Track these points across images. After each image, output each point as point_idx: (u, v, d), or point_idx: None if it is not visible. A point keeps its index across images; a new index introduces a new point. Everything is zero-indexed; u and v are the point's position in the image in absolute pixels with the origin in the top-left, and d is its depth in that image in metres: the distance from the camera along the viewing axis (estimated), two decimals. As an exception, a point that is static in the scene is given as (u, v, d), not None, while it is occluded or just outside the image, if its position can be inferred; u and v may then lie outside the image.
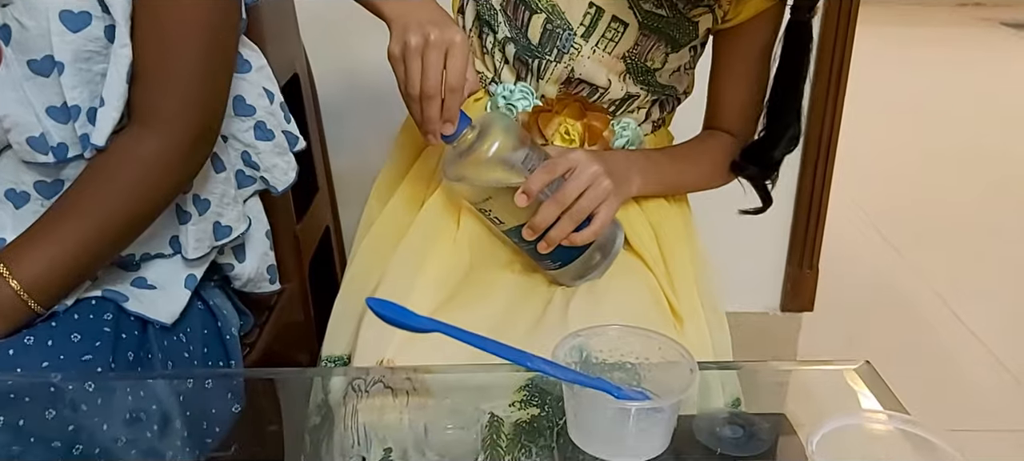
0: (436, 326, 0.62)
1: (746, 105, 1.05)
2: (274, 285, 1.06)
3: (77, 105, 0.81)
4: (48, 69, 0.80)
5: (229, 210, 0.94)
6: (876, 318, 2.18)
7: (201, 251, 0.91)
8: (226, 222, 0.94)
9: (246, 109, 0.95)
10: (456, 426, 0.66)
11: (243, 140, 0.96)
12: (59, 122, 0.82)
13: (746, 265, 1.82)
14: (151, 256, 0.91)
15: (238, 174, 0.97)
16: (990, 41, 4.97)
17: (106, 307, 0.85)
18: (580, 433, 0.67)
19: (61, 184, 0.85)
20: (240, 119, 0.95)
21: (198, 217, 0.91)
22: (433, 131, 0.87)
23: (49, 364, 0.78)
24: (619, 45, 0.98)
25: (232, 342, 0.99)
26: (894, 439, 0.63)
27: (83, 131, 0.82)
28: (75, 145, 0.83)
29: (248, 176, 0.98)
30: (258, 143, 0.97)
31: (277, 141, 0.98)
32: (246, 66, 0.95)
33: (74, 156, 0.83)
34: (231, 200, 0.94)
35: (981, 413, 1.78)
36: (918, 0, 5.42)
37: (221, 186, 0.93)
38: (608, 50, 0.99)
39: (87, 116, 0.82)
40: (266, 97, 0.96)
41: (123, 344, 0.84)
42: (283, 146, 0.99)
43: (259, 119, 0.96)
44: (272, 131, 0.97)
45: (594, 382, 0.64)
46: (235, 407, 0.84)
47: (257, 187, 1.00)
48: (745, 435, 0.72)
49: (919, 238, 2.64)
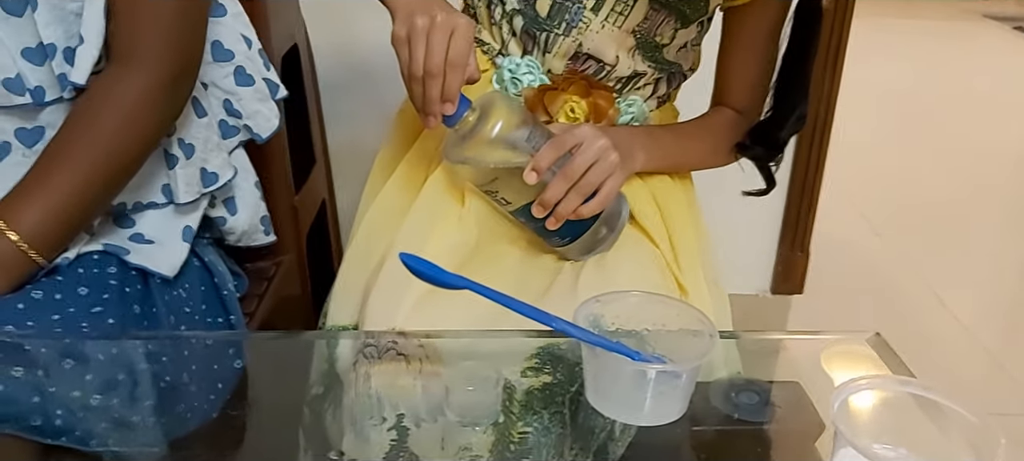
0: (466, 284, 0.61)
1: (753, 82, 1.05)
2: (269, 237, 1.06)
3: (53, 43, 0.81)
4: (21, 9, 0.79)
5: (214, 156, 0.94)
6: (863, 303, 2.20)
7: (191, 195, 0.91)
8: (212, 168, 0.94)
9: (224, 54, 0.95)
10: (476, 389, 0.66)
11: (223, 87, 0.96)
12: (35, 63, 0.81)
13: (738, 247, 1.83)
14: (144, 205, 0.91)
15: (221, 124, 0.97)
16: (974, 33, 5.02)
17: (109, 261, 0.85)
18: (598, 396, 0.66)
19: (42, 131, 0.84)
20: (219, 65, 0.95)
21: (185, 161, 0.91)
22: (434, 112, 0.86)
23: (60, 317, 0.78)
24: (628, 19, 0.98)
25: (230, 298, 0.99)
26: (914, 404, 0.64)
27: (60, 71, 0.82)
28: (53, 87, 0.82)
29: (232, 125, 0.98)
30: (239, 89, 0.97)
31: (258, 87, 0.98)
32: (221, 9, 0.95)
33: (53, 99, 0.83)
34: (215, 147, 0.94)
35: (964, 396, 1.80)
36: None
37: (204, 131, 0.93)
38: (618, 24, 0.98)
39: (64, 56, 0.82)
40: (244, 42, 0.97)
41: (128, 298, 0.84)
42: (264, 92, 0.99)
43: (238, 64, 0.96)
44: (252, 76, 0.97)
45: (615, 346, 0.64)
46: (237, 363, 0.84)
47: (242, 137, 1.00)
48: (761, 402, 0.72)
49: (904, 226, 2.67)
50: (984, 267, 2.50)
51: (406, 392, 0.76)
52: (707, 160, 1.09)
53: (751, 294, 1.94)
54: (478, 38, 1.05)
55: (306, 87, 1.39)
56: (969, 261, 2.51)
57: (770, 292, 1.97)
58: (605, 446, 0.68)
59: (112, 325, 0.81)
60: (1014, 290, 2.43)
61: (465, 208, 1.00)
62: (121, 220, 0.91)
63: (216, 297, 0.98)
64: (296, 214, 1.26)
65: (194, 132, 0.92)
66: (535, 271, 0.98)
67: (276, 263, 1.21)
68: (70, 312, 0.80)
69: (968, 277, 2.41)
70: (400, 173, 1.08)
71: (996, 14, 5.26)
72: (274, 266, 1.21)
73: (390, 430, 0.69)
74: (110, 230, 0.90)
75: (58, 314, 0.79)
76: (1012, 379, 1.94)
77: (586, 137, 0.90)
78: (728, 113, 1.08)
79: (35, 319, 0.78)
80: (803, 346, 0.86)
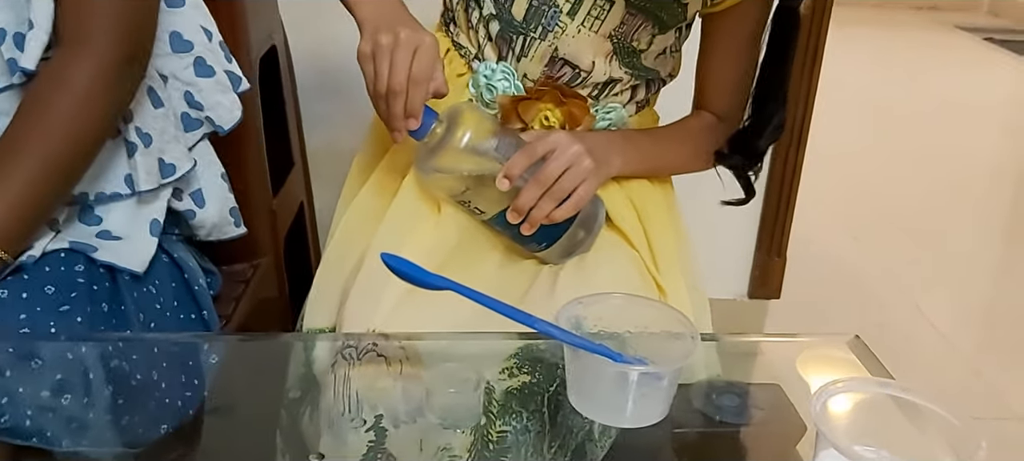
0: (449, 284, 0.61)
1: (733, 87, 1.05)
2: (239, 229, 1.06)
3: (3, 28, 0.80)
4: None
5: (172, 147, 0.93)
6: (840, 308, 2.21)
7: (151, 183, 0.90)
8: (169, 159, 0.93)
9: (183, 44, 0.95)
10: (457, 391, 0.65)
11: (183, 78, 0.96)
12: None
13: (715, 252, 1.83)
14: (107, 196, 0.89)
15: (184, 116, 0.97)
16: (946, 43, 5.08)
17: (76, 259, 0.84)
18: (580, 398, 0.66)
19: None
20: (178, 56, 0.95)
21: (144, 149, 0.90)
22: (399, 128, 0.87)
23: (27, 317, 0.77)
24: (605, 24, 0.97)
25: (201, 293, 0.98)
26: (894, 406, 0.64)
27: (10, 55, 0.81)
28: (3, 74, 0.82)
29: (194, 119, 0.98)
30: (198, 80, 0.96)
31: (218, 78, 0.98)
32: (178, 1, 0.95)
33: (4, 86, 0.82)
34: (173, 138, 0.94)
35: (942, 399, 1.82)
36: (875, 2, 5.51)
37: (161, 122, 0.92)
38: (594, 28, 0.98)
39: (13, 40, 0.81)
40: (204, 34, 0.97)
41: (96, 295, 0.83)
42: (225, 84, 0.98)
43: (198, 55, 0.96)
44: (212, 67, 0.97)
45: (597, 347, 0.64)
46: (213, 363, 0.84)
47: (205, 129, 0.99)
48: (742, 404, 0.72)
49: (881, 232, 2.69)
50: (960, 272, 2.52)
51: (385, 394, 0.76)
52: (687, 164, 1.10)
53: (729, 299, 1.95)
54: (456, 42, 1.05)
55: (284, 89, 1.38)
56: (945, 267, 2.53)
57: (747, 297, 1.98)
58: (585, 447, 0.68)
59: (80, 323, 0.80)
60: (990, 295, 2.45)
61: (442, 213, 1.00)
62: (86, 216, 0.89)
63: (187, 293, 0.97)
64: (274, 217, 1.25)
65: (150, 122, 0.91)
66: (514, 274, 0.98)
67: (254, 266, 1.20)
68: (37, 311, 0.78)
69: (944, 282, 2.43)
70: (376, 177, 1.08)
71: (967, 25, 5.33)
72: (251, 269, 1.19)
73: (368, 431, 0.69)
74: (76, 228, 0.88)
75: (25, 313, 0.77)
76: (989, 384, 1.96)
77: (559, 143, 0.90)
78: (707, 117, 1.08)
79: (1, 319, 0.76)
80: (782, 349, 0.87)
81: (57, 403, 0.72)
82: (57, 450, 0.71)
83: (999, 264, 2.63)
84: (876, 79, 4.26)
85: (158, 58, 0.94)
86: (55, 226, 0.86)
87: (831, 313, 2.16)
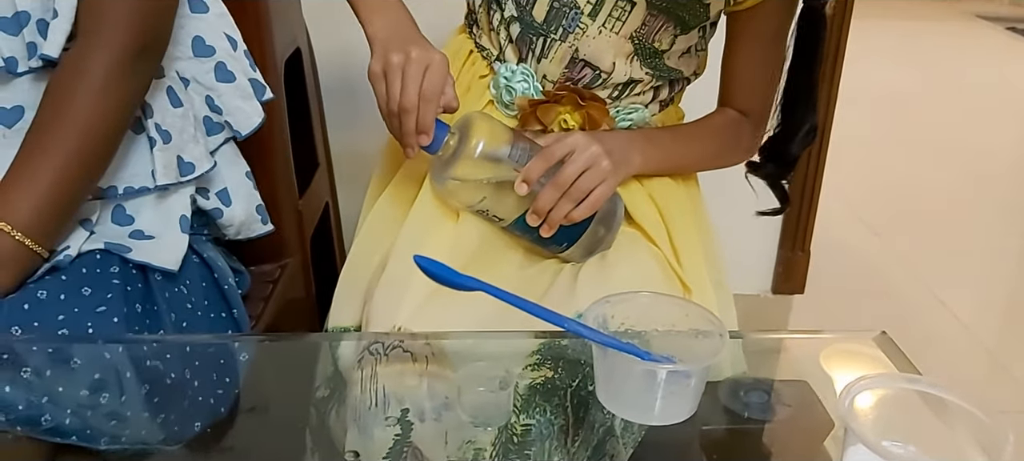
0: (479, 285, 0.62)
1: (758, 84, 1.04)
2: (267, 226, 1.07)
3: (27, 11, 0.83)
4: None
5: (191, 147, 0.95)
6: (863, 303, 2.21)
7: (169, 178, 0.92)
8: (188, 159, 0.94)
9: (205, 49, 0.97)
10: (487, 388, 0.66)
11: (204, 82, 0.98)
12: (9, 33, 0.83)
13: (739, 248, 1.83)
14: (135, 190, 0.91)
15: (205, 120, 0.99)
16: (968, 33, 5.04)
17: (111, 260, 0.86)
18: (609, 396, 0.67)
19: (21, 111, 0.85)
20: (199, 60, 0.97)
21: (162, 145, 0.92)
22: (411, 144, 0.88)
23: (65, 317, 0.79)
24: (626, 24, 0.97)
25: (231, 292, 1.00)
26: (921, 402, 0.64)
27: (31, 39, 0.83)
28: (24, 58, 0.84)
29: (215, 123, 1.00)
30: (219, 85, 0.98)
31: (239, 84, 0.99)
32: (202, 7, 0.97)
33: (24, 71, 0.84)
34: (191, 138, 0.95)
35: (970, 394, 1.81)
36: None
37: (180, 121, 0.94)
38: (615, 30, 0.97)
39: (37, 26, 0.83)
40: (227, 41, 0.99)
41: (130, 296, 0.85)
42: (247, 91, 1.00)
43: (219, 60, 0.98)
44: (233, 73, 0.99)
45: (625, 346, 0.65)
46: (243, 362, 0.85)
47: (225, 134, 1.01)
48: (769, 400, 0.72)
49: (903, 226, 2.68)
50: (983, 266, 2.51)
51: (412, 390, 0.77)
52: (711, 161, 1.09)
53: (753, 294, 1.95)
54: (479, 43, 1.05)
55: (309, 91, 1.39)
56: (968, 260, 2.52)
57: (771, 292, 1.98)
58: (608, 443, 0.69)
59: (116, 323, 0.82)
60: (1013, 288, 2.44)
61: (461, 218, 1.01)
62: (118, 216, 0.91)
63: (217, 292, 0.99)
64: (300, 217, 1.27)
65: (170, 120, 0.93)
66: (535, 274, 0.99)
67: (281, 266, 1.21)
68: (75, 312, 0.80)
69: (967, 276, 2.42)
70: (395, 185, 1.08)
71: (989, 15, 5.29)
72: (279, 269, 1.21)
73: (393, 426, 0.70)
74: (109, 228, 0.90)
75: (63, 314, 0.80)
76: (1013, 378, 1.95)
77: (577, 145, 0.90)
78: (731, 113, 1.08)
79: (40, 319, 0.78)
80: (809, 345, 0.87)
81: (95, 402, 0.74)
82: (95, 448, 0.72)
83: (1022, 256, 2.61)
84: (897, 71, 4.23)
85: (179, 61, 0.96)
86: (89, 226, 0.88)
87: (855, 308, 2.16)
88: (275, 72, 1.17)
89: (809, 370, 0.81)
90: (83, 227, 0.87)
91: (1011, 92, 4.15)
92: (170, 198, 0.93)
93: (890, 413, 0.64)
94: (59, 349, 0.78)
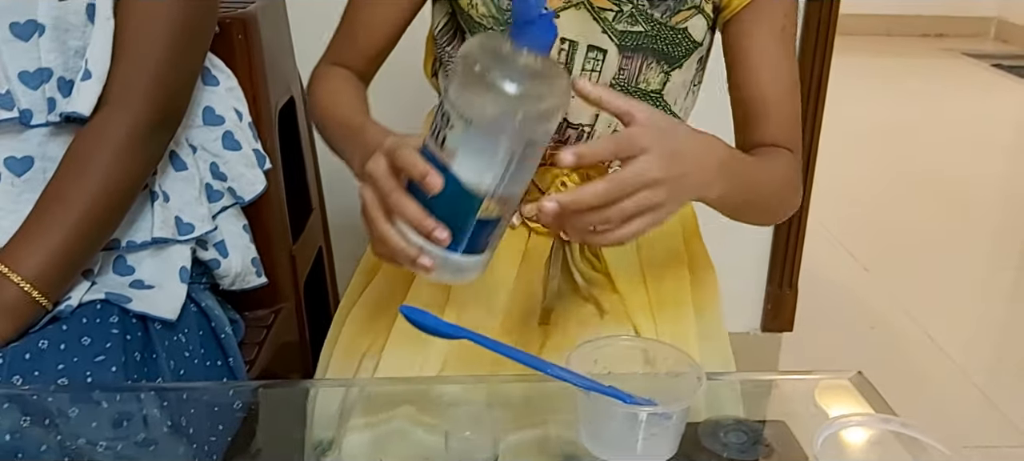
0: (465, 334, 0.64)
1: (783, 103, 0.90)
2: (261, 278, 1.10)
3: (49, 68, 0.85)
4: (28, 33, 0.84)
5: (190, 209, 0.98)
6: (852, 339, 2.23)
7: (165, 233, 0.94)
8: (187, 220, 0.97)
9: (215, 119, 1.01)
10: (473, 433, 0.68)
11: (211, 150, 1.01)
12: (29, 87, 0.85)
13: (727, 286, 1.84)
14: (136, 244, 0.94)
15: (207, 187, 1.01)
16: (954, 71, 5.10)
17: (110, 310, 0.88)
18: (592, 439, 0.69)
19: (31, 161, 0.88)
20: (209, 128, 1.00)
21: (163, 203, 0.95)
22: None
23: (64, 367, 0.81)
24: (602, 75, 0.91)
25: (227, 341, 1.02)
26: (894, 441, 0.66)
27: (51, 95, 0.86)
28: (41, 112, 0.86)
29: (217, 190, 1.03)
30: (226, 153, 1.02)
31: (245, 152, 1.03)
32: (214, 80, 1.01)
33: (38, 123, 0.86)
34: (194, 200, 0.98)
35: (953, 430, 1.83)
36: (883, 31, 5.55)
37: (181, 185, 0.97)
38: (592, 80, 0.88)
39: (57, 83, 0.86)
40: (235, 114, 1.03)
41: (130, 345, 0.87)
42: (251, 160, 1.04)
43: (227, 129, 1.01)
44: (239, 142, 1.02)
45: (607, 390, 0.67)
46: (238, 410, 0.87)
47: (226, 201, 1.04)
48: (749, 441, 0.74)
49: (890, 262, 2.70)
50: (971, 300, 2.53)
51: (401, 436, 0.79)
52: (776, 201, 0.91)
53: (742, 332, 1.96)
54: None
55: (302, 137, 1.42)
56: (956, 295, 2.54)
57: (760, 330, 2.00)
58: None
59: (114, 373, 0.84)
60: (1003, 323, 2.46)
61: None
62: (119, 266, 0.94)
63: (214, 341, 1.01)
64: (294, 262, 1.29)
65: (170, 182, 0.97)
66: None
67: (275, 311, 1.23)
68: (74, 362, 0.83)
69: (956, 311, 2.44)
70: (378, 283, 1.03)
71: (974, 52, 5.36)
72: (273, 314, 1.23)
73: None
74: (110, 279, 0.92)
75: (63, 364, 0.82)
76: (1001, 413, 1.97)
77: (644, 178, 0.69)
78: (778, 151, 0.90)
79: (41, 369, 0.80)
80: (789, 386, 0.89)
81: (93, 451, 0.75)
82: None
83: (1011, 291, 2.64)
84: (884, 108, 4.28)
85: (190, 129, 1.00)
86: (90, 277, 0.90)
87: (844, 344, 2.18)
88: (269, 119, 1.20)
89: (788, 410, 0.83)
90: (85, 278, 0.90)
91: (997, 127, 4.20)
92: (170, 249, 0.96)
93: (864, 452, 0.66)
94: (59, 398, 0.79)
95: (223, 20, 1.13)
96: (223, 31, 1.12)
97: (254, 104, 1.16)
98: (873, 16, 5.34)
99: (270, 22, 1.24)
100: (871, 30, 5.32)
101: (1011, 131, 4.22)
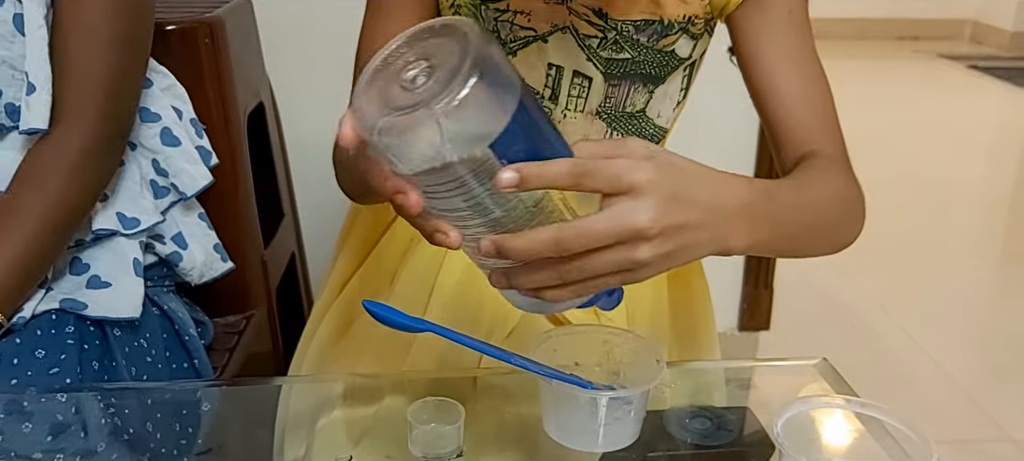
0: (428, 326, 0.64)
1: (810, 98, 0.80)
2: (227, 264, 1.08)
3: None
4: None
5: (133, 204, 0.97)
6: (829, 336, 2.24)
7: (108, 225, 0.94)
8: (132, 214, 0.97)
9: (152, 116, 1.01)
10: (438, 424, 0.68)
11: (150, 146, 1.01)
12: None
13: (704, 286, 1.86)
14: (86, 242, 0.94)
15: (152, 184, 1.01)
16: (930, 73, 5.15)
17: (66, 320, 0.88)
18: (555, 426, 0.69)
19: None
20: (146, 125, 1.00)
21: (101, 201, 0.95)
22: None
23: (18, 381, 0.80)
24: (589, 101, 0.87)
25: (192, 343, 1.01)
26: (855, 422, 0.66)
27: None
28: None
29: (162, 186, 1.02)
30: (165, 149, 1.01)
31: (185, 149, 1.02)
32: (148, 82, 1.01)
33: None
34: (136, 195, 0.98)
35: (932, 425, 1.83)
36: (858, 35, 5.59)
37: (119, 181, 0.97)
38: (579, 109, 0.88)
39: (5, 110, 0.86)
40: (174, 112, 1.02)
41: (87, 354, 0.86)
42: (193, 156, 1.03)
43: (165, 126, 1.01)
44: (179, 138, 1.02)
45: (569, 377, 0.67)
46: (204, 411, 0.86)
47: (172, 197, 1.03)
48: (712, 426, 0.75)
49: (868, 260, 2.71)
50: (950, 298, 2.54)
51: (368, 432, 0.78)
52: (835, 227, 0.78)
53: (720, 332, 1.97)
54: None
55: (272, 142, 1.42)
56: (935, 293, 2.56)
57: (737, 329, 2.00)
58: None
59: (69, 384, 0.83)
60: (981, 319, 2.48)
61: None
62: (77, 267, 0.93)
63: (178, 343, 1.01)
64: (265, 268, 1.28)
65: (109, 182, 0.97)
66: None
67: (246, 317, 1.22)
68: (28, 375, 0.82)
69: (934, 309, 2.45)
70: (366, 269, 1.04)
71: (950, 53, 5.41)
72: (244, 320, 1.22)
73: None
74: (66, 280, 0.92)
75: (16, 378, 0.81)
76: (981, 408, 1.98)
77: (634, 229, 0.54)
78: (823, 159, 0.78)
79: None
80: (755, 373, 0.89)
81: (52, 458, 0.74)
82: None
83: (989, 290, 2.66)
84: (861, 111, 4.30)
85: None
86: (45, 283, 0.89)
87: (822, 343, 2.18)
88: (237, 124, 1.20)
89: (752, 396, 0.83)
90: (40, 287, 0.89)
91: (974, 127, 4.24)
92: (120, 242, 0.95)
93: (825, 435, 0.67)
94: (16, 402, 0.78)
95: (189, 24, 1.13)
96: (188, 34, 1.12)
97: (221, 107, 1.16)
98: (847, 20, 5.38)
99: (237, 27, 1.23)
100: (846, 34, 5.35)
101: (988, 132, 4.26)
